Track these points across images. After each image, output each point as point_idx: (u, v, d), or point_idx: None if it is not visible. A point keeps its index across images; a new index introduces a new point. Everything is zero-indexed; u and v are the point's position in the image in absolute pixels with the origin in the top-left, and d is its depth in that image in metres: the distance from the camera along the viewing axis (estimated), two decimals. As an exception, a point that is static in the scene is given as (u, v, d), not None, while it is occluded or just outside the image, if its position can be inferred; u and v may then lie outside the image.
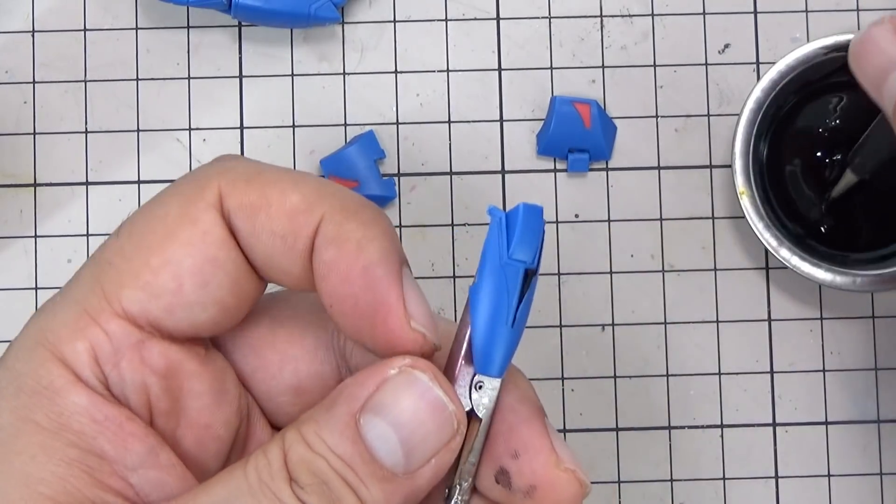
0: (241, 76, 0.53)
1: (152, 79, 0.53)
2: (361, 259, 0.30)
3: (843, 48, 0.49)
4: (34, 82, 0.53)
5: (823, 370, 0.52)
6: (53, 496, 0.28)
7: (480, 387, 0.30)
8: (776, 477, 0.52)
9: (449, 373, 0.30)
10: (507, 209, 0.30)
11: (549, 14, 0.53)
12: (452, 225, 0.52)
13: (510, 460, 0.30)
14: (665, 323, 0.52)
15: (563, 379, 0.52)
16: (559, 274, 0.52)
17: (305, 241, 0.30)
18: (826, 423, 0.52)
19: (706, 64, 0.53)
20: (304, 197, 0.30)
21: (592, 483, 0.52)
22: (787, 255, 0.49)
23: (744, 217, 0.49)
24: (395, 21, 0.53)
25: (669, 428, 0.52)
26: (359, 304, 0.30)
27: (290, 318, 0.33)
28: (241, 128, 0.53)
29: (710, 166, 0.53)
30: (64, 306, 0.30)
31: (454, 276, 0.52)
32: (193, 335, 0.31)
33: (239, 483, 0.28)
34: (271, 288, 0.32)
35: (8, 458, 0.28)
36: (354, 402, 0.29)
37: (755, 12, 0.53)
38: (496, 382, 0.30)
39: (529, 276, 0.30)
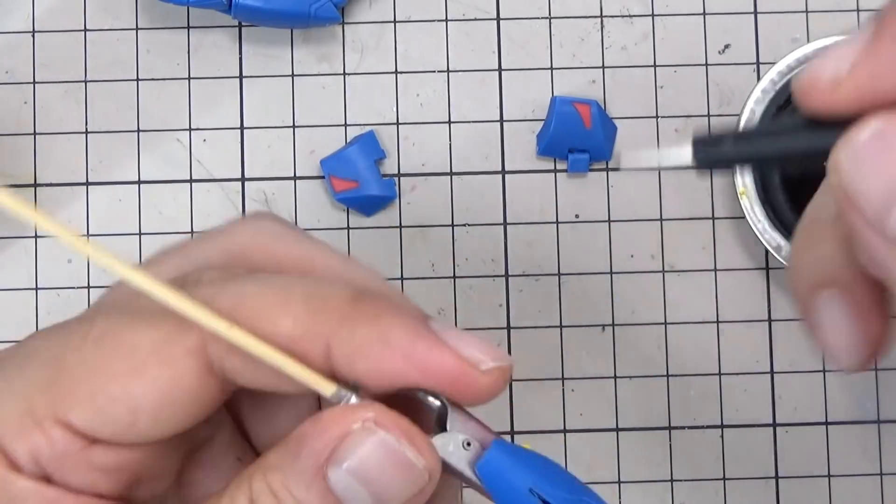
0: (241, 76, 0.53)
1: (152, 79, 0.53)
2: (397, 351, 0.28)
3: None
4: (34, 82, 0.53)
5: (823, 370, 0.52)
6: None
7: (469, 445, 0.29)
8: (776, 477, 0.52)
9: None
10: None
11: (550, 14, 0.53)
12: (453, 225, 0.52)
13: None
14: (665, 323, 0.52)
15: (563, 379, 0.52)
16: (559, 274, 0.52)
17: (315, 363, 0.28)
18: (826, 423, 0.52)
19: (706, 64, 0.53)
20: (295, 320, 0.28)
21: (592, 483, 0.52)
22: (787, 255, 0.49)
23: (744, 217, 0.49)
24: (395, 21, 0.53)
25: (669, 428, 0.52)
26: (420, 385, 0.28)
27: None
28: (242, 128, 0.53)
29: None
30: (9, 399, 0.29)
31: (454, 277, 0.52)
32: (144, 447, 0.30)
33: None
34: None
35: None
36: (320, 453, 0.28)
37: (755, 12, 0.53)
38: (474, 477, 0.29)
39: None
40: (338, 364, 0.28)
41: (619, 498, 0.52)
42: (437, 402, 0.29)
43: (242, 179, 0.52)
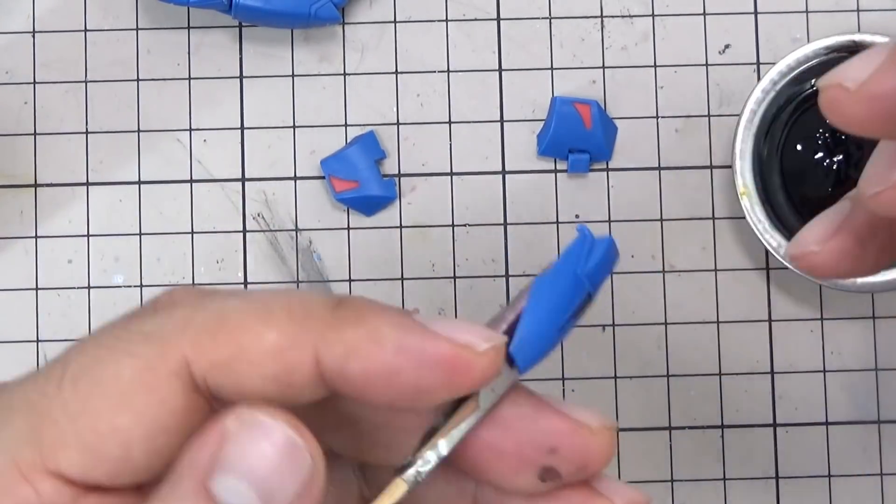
0: (241, 76, 0.53)
1: (153, 79, 0.53)
2: (388, 346, 0.28)
3: (843, 48, 0.49)
4: (34, 83, 0.53)
5: (823, 370, 0.52)
6: None
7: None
8: (776, 477, 0.52)
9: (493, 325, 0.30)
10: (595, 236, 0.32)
11: (550, 14, 0.53)
12: (453, 225, 0.52)
13: (549, 456, 0.29)
14: (665, 323, 0.52)
15: (563, 379, 0.52)
16: (559, 274, 0.52)
17: (304, 374, 0.28)
18: (826, 423, 0.52)
19: (706, 64, 0.53)
20: (280, 331, 0.27)
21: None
22: (787, 255, 0.49)
23: (744, 217, 0.49)
24: (395, 21, 0.53)
25: (670, 428, 0.52)
26: (417, 379, 0.28)
27: None
28: (242, 128, 0.53)
29: (711, 166, 0.53)
30: None
31: (454, 277, 0.52)
32: (137, 486, 0.28)
33: None
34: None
35: None
36: (199, 466, 0.27)
37: (755, 12, 0.53)
38: (515, 375, 0.30)
39: (587, 300, 0.31)
40: (329, 371, 0.27)
41: (620, 498, 0.52)
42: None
43: (242, 179, 0.53)
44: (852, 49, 0.49)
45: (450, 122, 0.53)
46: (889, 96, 0.26)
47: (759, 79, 0.51)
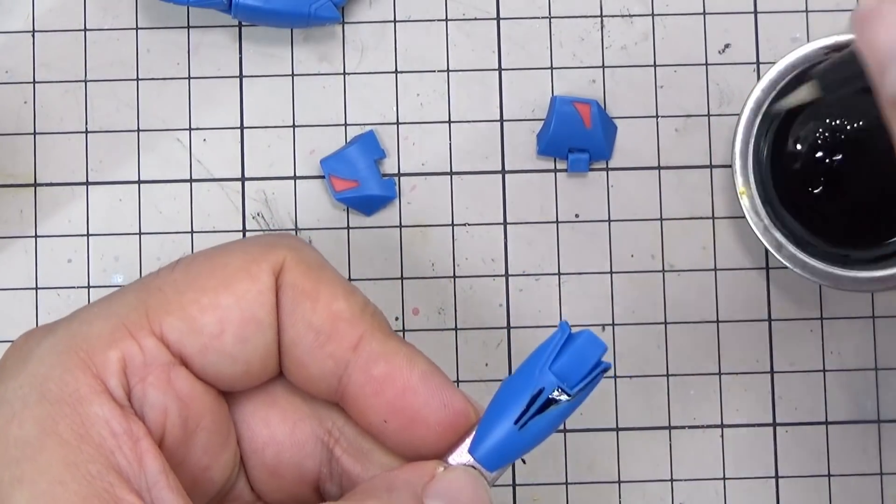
0: (241, 76, 0.53)
1: (152, 79, 0.53)
2: (416, 370, 0.31)
3: (843, 48, 0.49)
4: (34, 82, 0.53)
5: (823, 370, 0.52)
6: None
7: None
8: (776, 477, 0.52)
9: (456, 443, 0.31)
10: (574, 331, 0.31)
11: (550, 14, 0.53)
12: (452, 225, 0.52)
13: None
14: (665, 323, 0.52)
15: (563, 379, 0.52)
16: (559, 274, 0.52)
17: (337, 348, 0.31)
18: (826, 423, 0.52)
19: (706, 64, 0.53)
20: (349, 307, 0.31)
21: (592, 483, 0.52)
22: (787, 255, 0.49)
23: (744, 217, 0.49)
24: (395, 21, 0.53)
25: (669, 428, 0.52)
26: (420, 412, 0.31)
27: (289, 402, 0.34)
28: (242, 128, 0.53)
29: (710, 166, 0.53)
30: (102, 317, 0.31)
31: (454, 276, 0.52)
32: (210, 383, 0.31)
33: None
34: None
35: (33, 478, 0.28)
36: (416, 484, 0.30)
37: (755, 12, 0.53)
38: (484, 471, 0.31)
39: (555, 397, 0.30)
40: (362, 360, 0.31)
41: (620, 498, 0.52)
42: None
43: (242, 179, 0.53)
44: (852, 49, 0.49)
45: (449, 122, 0.53)
46: None
47: (759, 78, 0.51)
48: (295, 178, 0.52)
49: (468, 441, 0.31)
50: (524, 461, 0.33)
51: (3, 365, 0.31)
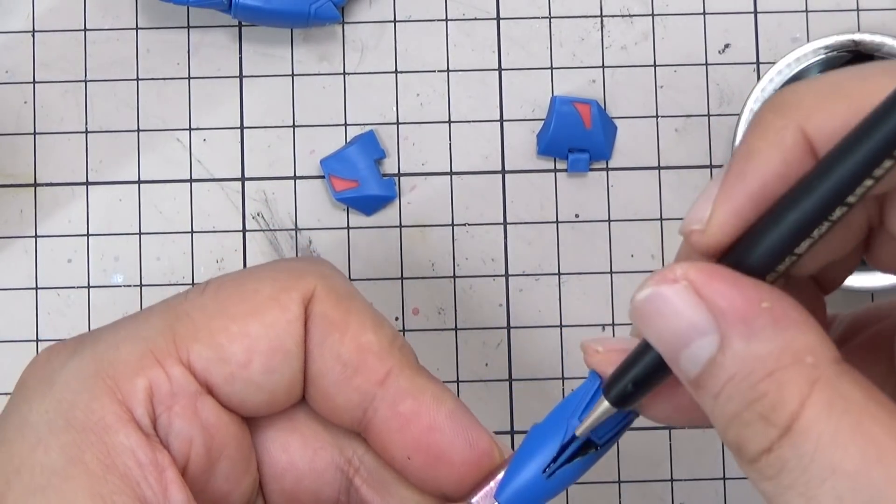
0: (241, 76, 0.53)
1: (152, 79, 0.53)
2: (443, 408, 0.31)
3: (843, 48, 0.49)
4: (34, 82, 0.53)
5: (823, 370, 0.52)
6: None
7: None
8: (776, 477, 0.52)
9: (479, 485, 0.31)
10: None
11: (549, 14, 0.53)
12: (452, 225, 0.52)
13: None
14: (665, 323, 0.52)
15: (563, 379, 0.52)
16: (559, 274, 0.52)
17: (365, 382, 0.31)
18: (826, 422, 0.52)
19: (706, 64, 0.53)
20: (378, 340, 0.31)
21: (593, 483, 0.52)
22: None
23: (744, 217, 0.49)
24: (395, 21, 0.53)
25: (670, 427, 0.52)
26: (446, 451, 0.31)
27: (310, 429, 0.33)
28: (241, 128, 0.53)
29: (710, 166, 0.53)
30: (129, 341, 0.30)
31: (454, 276, 0.52)
32: (234, 410, 0.31)
33: None
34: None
35: None
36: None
37: (755, 12, 0.53)
38: None
39: (588, 446, 0.31)
40: (389, 394, 0.31)
41: (619, 498, 0.52)
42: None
43: (242, 179, 0.53)
44: (852, 49, 0.49)
45: (449, 122, 0.53)
46: (731, 226, 0.28)
47: (758, 78, 0.51)
48: (295, 178, 0.53)
49: (492, 485, 0.31)
50: None
51: (25, 383, 0.30)
